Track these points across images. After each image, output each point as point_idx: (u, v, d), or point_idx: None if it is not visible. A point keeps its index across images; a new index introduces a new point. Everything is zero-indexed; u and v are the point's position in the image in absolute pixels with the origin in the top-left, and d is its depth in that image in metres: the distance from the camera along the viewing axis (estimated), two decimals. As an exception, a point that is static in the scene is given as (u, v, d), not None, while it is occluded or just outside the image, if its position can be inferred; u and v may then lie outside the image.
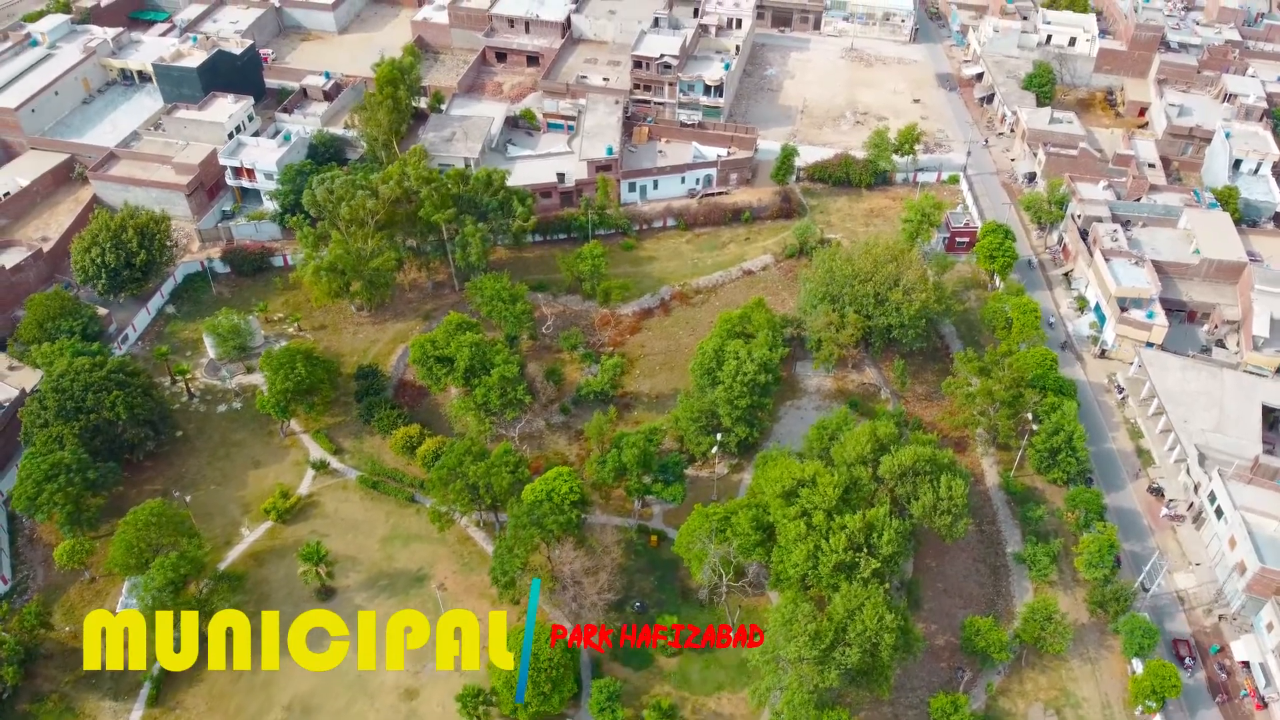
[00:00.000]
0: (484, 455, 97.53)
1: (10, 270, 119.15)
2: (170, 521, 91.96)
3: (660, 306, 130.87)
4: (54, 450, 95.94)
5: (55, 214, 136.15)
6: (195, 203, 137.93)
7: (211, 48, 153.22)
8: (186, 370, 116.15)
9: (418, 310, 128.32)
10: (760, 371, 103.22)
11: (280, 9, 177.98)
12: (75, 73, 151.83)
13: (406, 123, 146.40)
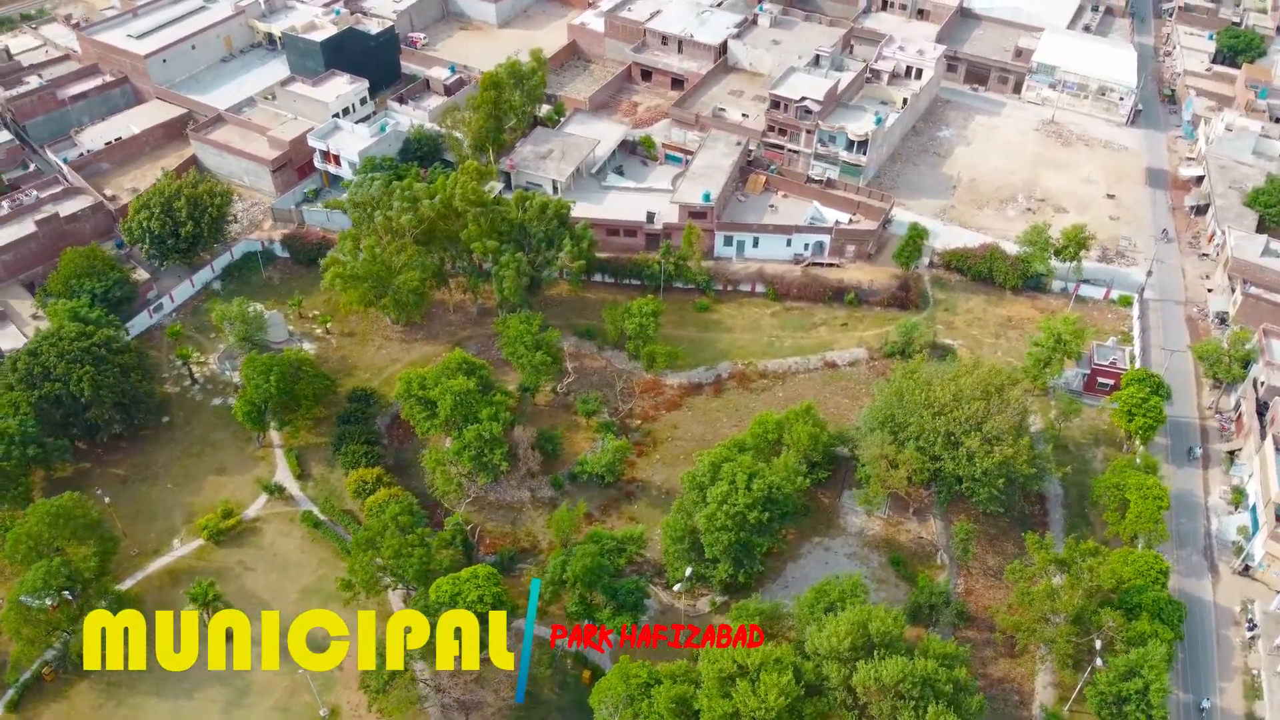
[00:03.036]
0: (413, 526, 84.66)
1: (65, 218, 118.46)
2: (78, 520, 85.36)
3: (713, 384, 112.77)
4: (5, 421, 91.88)
5: (156, 167, 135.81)
6: (280, 180, 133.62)
7: (346, 24, 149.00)
8: (189, 354, 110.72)
9: (453, 335, 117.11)
10: (756, 507, 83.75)
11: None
12: (218, 30, 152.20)
13: (515, 131, 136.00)
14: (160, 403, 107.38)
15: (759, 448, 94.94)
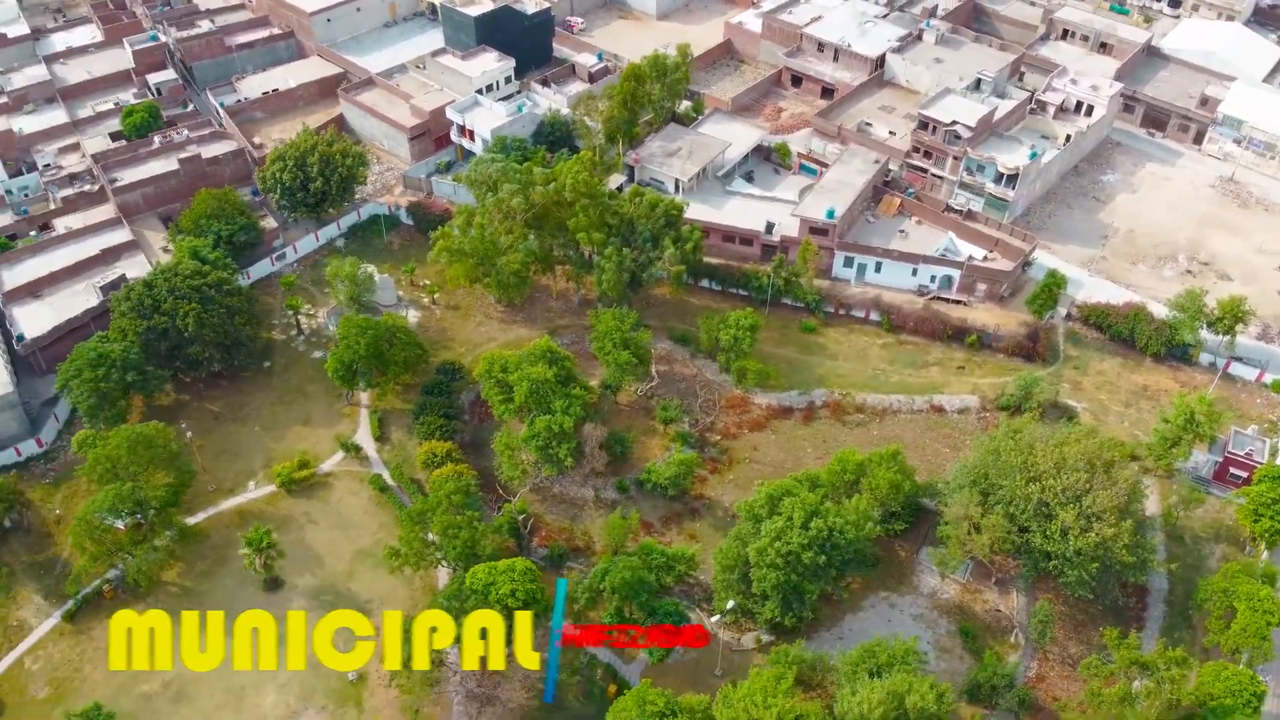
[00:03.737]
0: (465, 507, 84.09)
1: (207, 160, 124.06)
2: (157, 450, 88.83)
3: (805, 410, 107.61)
4: (111, 341, 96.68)
5: (303, 123, 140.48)
6: (417, 148, 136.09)
7: (504, 1, 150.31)
8: (299, 305, 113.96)
9: (551, 322, 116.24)
10: (812, 548, 78.87)
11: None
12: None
13: (651, 125, 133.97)
14: (264, 348, 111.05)
15: (834, 485, 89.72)
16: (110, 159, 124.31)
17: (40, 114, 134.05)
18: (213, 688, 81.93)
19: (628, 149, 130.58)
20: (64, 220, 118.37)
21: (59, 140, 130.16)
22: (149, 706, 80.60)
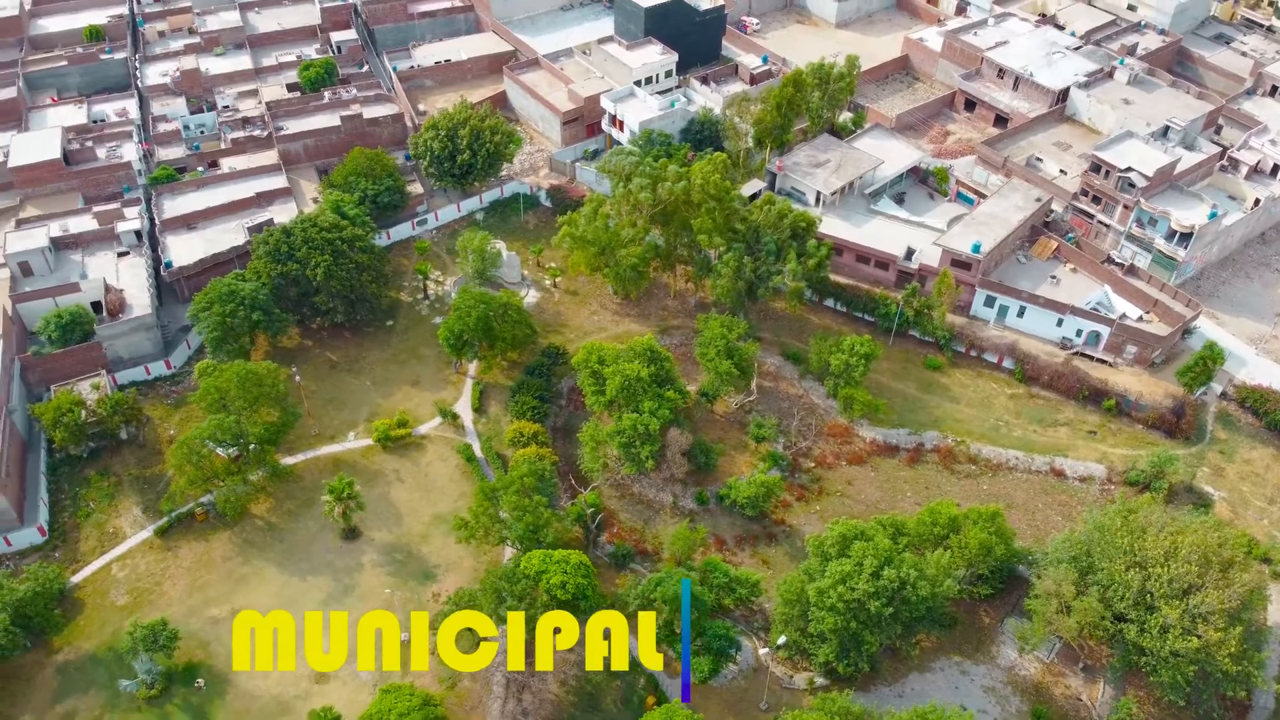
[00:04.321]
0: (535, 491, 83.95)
1: (367, 120, 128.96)
2: (265, 388, 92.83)
3: (912, 450, 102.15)
4: (243, 284, 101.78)
5: (469, 96, 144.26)
6: (568, 133, 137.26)
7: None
8: (428, 271, 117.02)
9: (663, 321, 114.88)
10: (879, 598, 74.35)
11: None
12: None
13: (806, 134, 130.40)
14: (390, 307, 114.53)
15: (921, 536, 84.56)
16: (281, 108, 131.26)
17: (228, 58, 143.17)
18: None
19: (774, 155, 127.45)
20: (230, 160, 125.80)
21: (240, 85, 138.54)
22: (214, 630, 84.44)
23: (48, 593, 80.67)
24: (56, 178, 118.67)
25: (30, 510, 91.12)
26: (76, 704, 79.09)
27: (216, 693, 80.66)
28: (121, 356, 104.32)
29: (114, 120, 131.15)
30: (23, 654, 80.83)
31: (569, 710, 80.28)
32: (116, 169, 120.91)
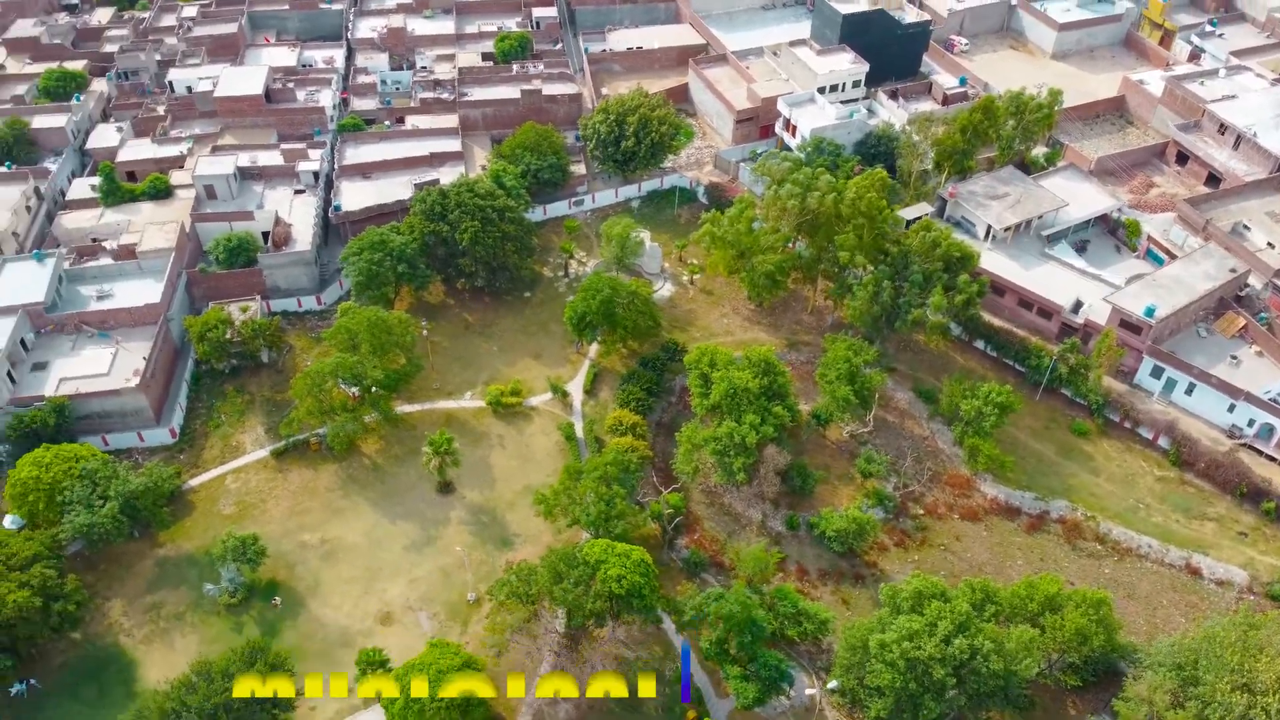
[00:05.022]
0: (614, 481, 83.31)
1: (545, 97, 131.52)
2: (392, 337, 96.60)
3: (1035, 517, 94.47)
4: (395, 236, 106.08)
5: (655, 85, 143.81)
6: (740, 132, 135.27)
7: (883, 5, 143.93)
8: (572, 251, 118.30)
9: (793, 334, 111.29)
10: (945, 666, 68.93)
11: (1014, 8, 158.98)
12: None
13: (991, 164, 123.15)
14: (531, 280, 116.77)
15: (1013, 609, 77.89)
16: (470, 75, 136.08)
17: (434, 21, 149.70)
18: (355, 563, 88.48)
19: (952, 180, 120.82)
20: (415, 119, 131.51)
21: (440, 48, 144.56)
22: (300, 554, 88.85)
23: (158, 490, 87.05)
24: (256, 112, 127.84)
25: (168, 413, 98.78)
26: (165, 597, 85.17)
27: (290, 613, 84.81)
28: (279, 286, 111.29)
29: (320, 67, 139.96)
30: (128, 542, 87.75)
31: (609, 706, 79.21)
32: (311, 112, 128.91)
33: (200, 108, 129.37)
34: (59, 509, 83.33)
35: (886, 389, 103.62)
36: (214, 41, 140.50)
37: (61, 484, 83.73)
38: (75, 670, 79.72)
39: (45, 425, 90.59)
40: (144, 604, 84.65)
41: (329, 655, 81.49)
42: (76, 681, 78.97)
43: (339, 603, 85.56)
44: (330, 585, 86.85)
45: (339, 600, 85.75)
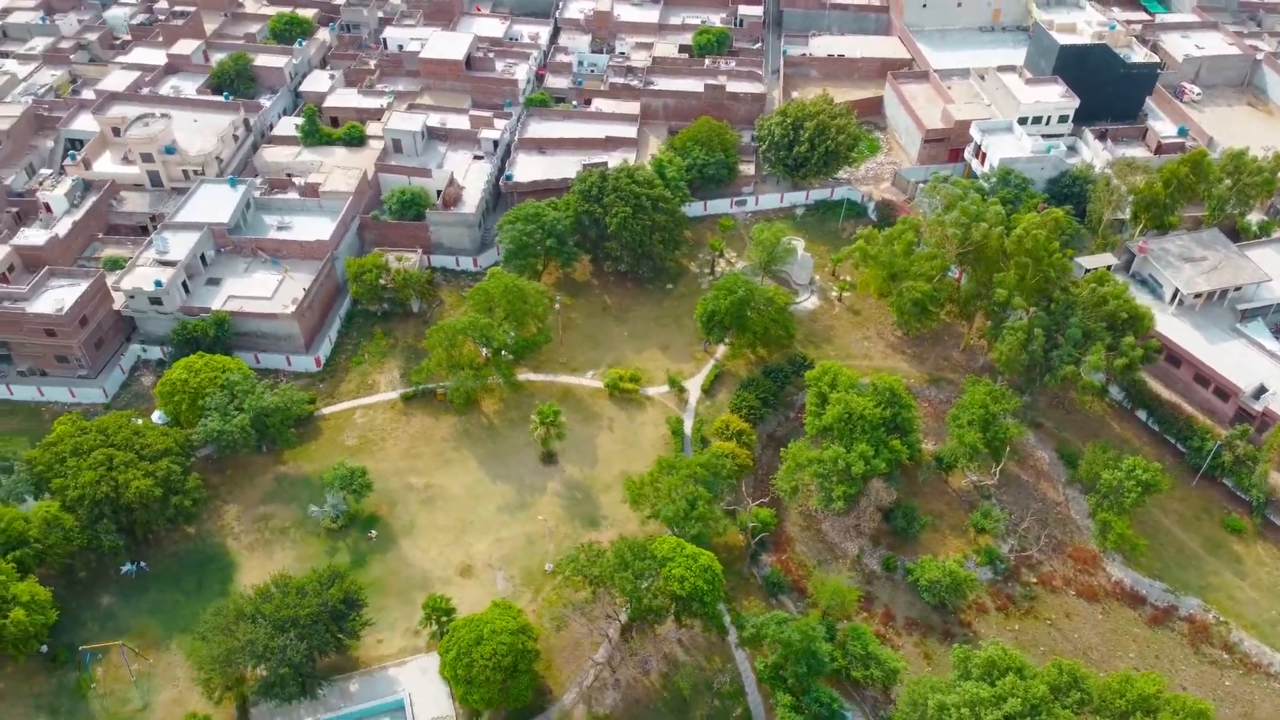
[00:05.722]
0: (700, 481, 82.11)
1: (728, 93, 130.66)
2: (526, 306, 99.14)
3: (1160, 611, 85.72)
4: (550, 211, 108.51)
5: (850, 96, 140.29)
6: (927, 152, 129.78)
7: (1108, 40, 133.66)
8: (721, 249, 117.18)
9: (937, 369, 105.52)
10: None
11: (1259, 63, 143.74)
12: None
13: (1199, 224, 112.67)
14: (675, 273, 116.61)
15: (1101, 701, 70.74)
16: (661, 65, 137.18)
17: (641, 9, 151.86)
18: (451, 513, 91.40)
19: (1144, 234, 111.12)
20: (601, 102, 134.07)
21: (640, 36, 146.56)
22: (404, 495, 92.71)
23: (288, 412, 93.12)
24: (455, 77, 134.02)
25: (317, 343, 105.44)
26: (276, 511, 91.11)
27: (381, 548, 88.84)
28: (441, 243, 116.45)
29: (524, 41, 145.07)
30: (256, 454, 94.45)
31: (655, 704, 78.36)
32: (505, 83, 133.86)
33: (407, 66, 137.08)
34: (199, 413, 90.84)
35: (1025, 444, 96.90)
36: (432, 5, 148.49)
37: (205, 390, 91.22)
38: (182, 561, 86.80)
39: (205, 335, 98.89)
40: (256, 514, 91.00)
41: (406, 595, 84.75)
42: (181, 571, 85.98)
43: (427, 547, 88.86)
44: (424, 529, 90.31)
45: (428, 545, 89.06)
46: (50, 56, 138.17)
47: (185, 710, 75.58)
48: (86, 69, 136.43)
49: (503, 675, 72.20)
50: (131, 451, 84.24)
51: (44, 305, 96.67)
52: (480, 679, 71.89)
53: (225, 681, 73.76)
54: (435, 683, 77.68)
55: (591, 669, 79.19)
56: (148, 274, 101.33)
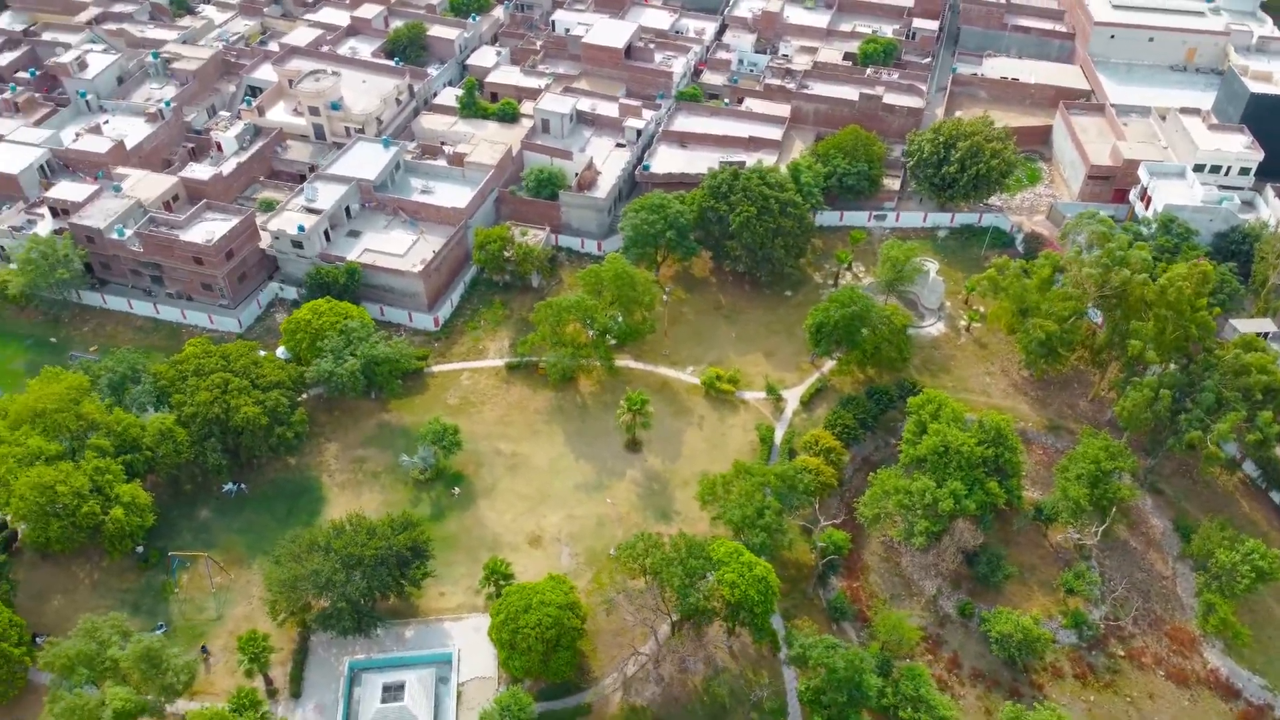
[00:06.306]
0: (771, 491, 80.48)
1: (883, 105, 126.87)
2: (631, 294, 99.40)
3: (1252, 709, 78.53)
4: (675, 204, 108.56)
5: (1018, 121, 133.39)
6: (1089, 189, 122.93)
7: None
8: (848, 261, 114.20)
9: (1058, 416, 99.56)
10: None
11: None
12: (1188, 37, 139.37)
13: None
14: (797, 280, 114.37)
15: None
16: (819, 70, 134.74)
17: (813, 13, 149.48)
18: (532, 482, 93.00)
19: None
20: (752, 102, 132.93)
21: (806, 40, 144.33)
22: (491, 458, 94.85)
23: (395, 364, 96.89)
24: (613, 64, 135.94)
25: (439, 304, 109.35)
26: (371, 455, 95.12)
27: (461, 505, 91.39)
28: (570, 224, 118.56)
29: (689, 36, 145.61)
30: (363, 400, 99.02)
31: (694, 706, 77.51)
32: (660, 75, 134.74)
33: (570, 49, 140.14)
34: (316, 353, 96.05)
35: (1139, 508, 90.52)
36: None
37: (325, 333, 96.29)
38: (278, 488, 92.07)
39: (337, 282, 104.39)
40: (353, 455, 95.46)
41: (475, 554, 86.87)
42: (275, 498, 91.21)
43: (503, 511, 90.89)
44: (503, 494, 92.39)
45: (504, 509, 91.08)
46: (245, 7, 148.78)
47: (255, 626, 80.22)
48: (277, 22, 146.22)
49: (544, 646, 73.11)
50: (247, 379, 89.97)
51: (196, 235, 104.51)
52: (523, 646, 73.11)
53: (290, 606, 77.88)
54: (485, 643, 79.31)
55: (634, 659, 79.12)
56: (294, 219, 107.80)
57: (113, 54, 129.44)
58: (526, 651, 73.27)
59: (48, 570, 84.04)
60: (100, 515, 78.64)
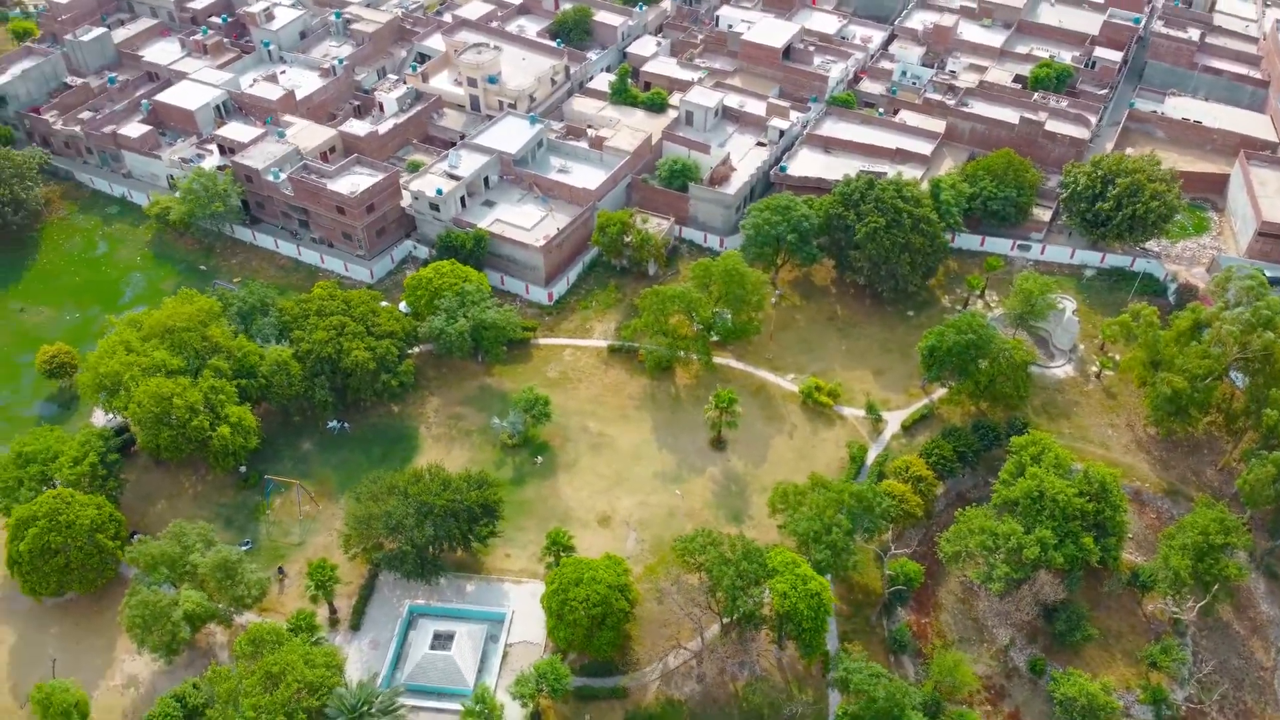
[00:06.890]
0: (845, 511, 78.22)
1: (1044, 131, 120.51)
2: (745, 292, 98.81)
3: None
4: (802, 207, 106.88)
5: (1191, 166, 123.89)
6: (1260, 246, 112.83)
7: None
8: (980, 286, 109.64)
9: (1178, 480, 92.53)
10: None
11: None
12: None
13: None
14: (922, 301, 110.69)
15: None
16: (983, 90, 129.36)
17: (989, 31, 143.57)
18: (612, 464, 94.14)
19: None
20: (906, 114, 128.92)
21: (977, 58, 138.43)
22: (578, 434, 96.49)
23: (502, 331, 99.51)
24: (770, 64, 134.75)
25: (556, 281, 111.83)
26: (467, 414, 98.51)
27: (541, 474, 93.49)
28: (697, 217, 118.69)
29: (853, 42, 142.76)
30: (470, 361, 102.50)
31: (731, 710, 76.57)
32: (815, 79, 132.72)
33: (729, 46, 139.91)
34: (433, 310, 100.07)
35: (1249, 590, 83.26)
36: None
37: (443, 293, 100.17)
38: (378, 431, 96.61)
39: (464, 247, 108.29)
40: (451, 411, 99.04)
41: (546, 523, 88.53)
42: (373, 440, 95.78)
43: (580, 487, 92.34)
44: (583, 471, 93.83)
45: (581, 485, 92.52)
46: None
47: (331, 557, 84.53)
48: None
49: (589, 622, 73.94)
50: (363, 325, 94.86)
51: (341, 186, 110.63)
52: (569, 618, 74.17)
53: (362, 542, 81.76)
54: (538, 610, 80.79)
55: (678, 652, 78.82)
56: (434, 182, 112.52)
57: (300, 9, 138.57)
58: (572, 624, 74.31)
59: (157, 475, 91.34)
60: (208, 431, 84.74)
